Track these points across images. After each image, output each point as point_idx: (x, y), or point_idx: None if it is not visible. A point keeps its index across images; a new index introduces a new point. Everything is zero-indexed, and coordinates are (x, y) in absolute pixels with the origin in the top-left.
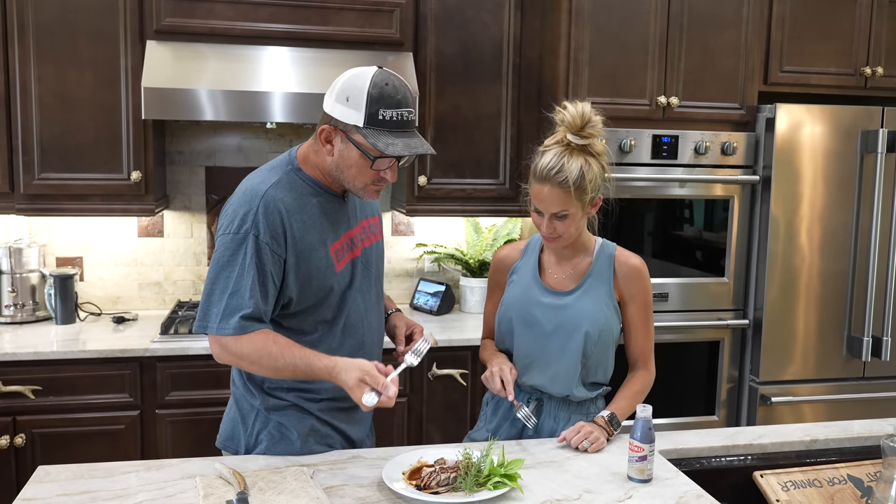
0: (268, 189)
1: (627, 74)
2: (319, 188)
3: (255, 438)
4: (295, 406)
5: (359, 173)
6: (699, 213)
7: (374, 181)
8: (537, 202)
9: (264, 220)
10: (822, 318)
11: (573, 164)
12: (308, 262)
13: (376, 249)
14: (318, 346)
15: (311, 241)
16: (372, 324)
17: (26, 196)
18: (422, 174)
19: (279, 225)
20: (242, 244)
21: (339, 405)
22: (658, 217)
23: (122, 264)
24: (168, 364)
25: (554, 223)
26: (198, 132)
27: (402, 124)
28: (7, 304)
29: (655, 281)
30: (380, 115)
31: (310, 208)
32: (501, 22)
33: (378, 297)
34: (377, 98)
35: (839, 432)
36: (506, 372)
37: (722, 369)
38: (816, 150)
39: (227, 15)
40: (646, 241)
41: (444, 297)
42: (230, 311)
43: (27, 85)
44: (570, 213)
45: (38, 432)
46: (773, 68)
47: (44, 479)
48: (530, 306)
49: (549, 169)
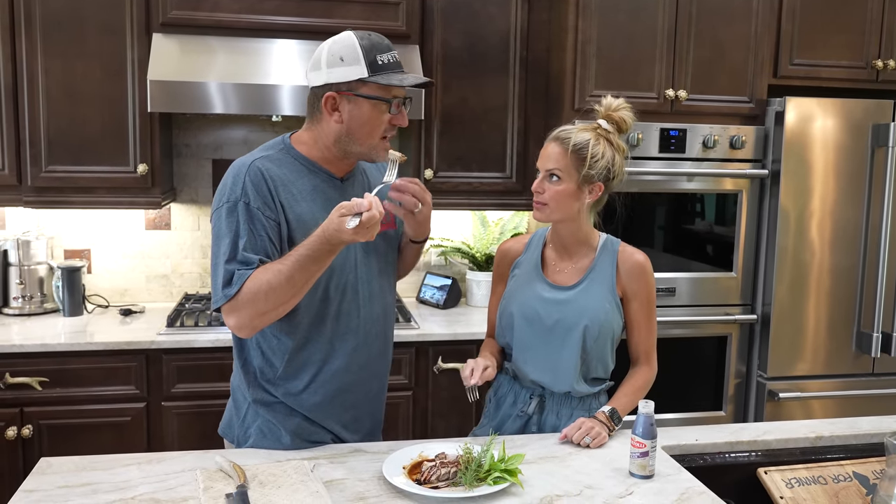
0: (255, 160)
1: (635, 67)
2: (314, 167)
3: (246, 432)
4: (282, 403)
5: (372, 128)
6: (707, 207)
7: (385, 133)
8: (540, 160)
9: (252, 188)
10: (831, 314)
11: (582, 133)
12: (302, 235)
13: (384, 239)
14: (310, 335)
15: (301, 212)
16: (374, 313)
17: (34, 188)
18: (428, 167)
19: (267, 192)
20: (233, 212)
21: (329, 410)
22: (665, 211)
23: (130, 257)
24: (174, 356)
25: (544, 184)
26: (205, 125)
27: (399, 65)
28: (15, 296)
29: (663, 275)
30: (379, 60)
31: (301, 183)
32: (508, 14)
33: (383, 290)
34: (370, 47)
35: (845, 429)
36: (479, 363)
37: (729, 364)
38: (827, 144)
39: (233, 8)
40: (653, 235)
41: (451, 290)
42: (228, 277)
43: (34, 78)
44: (562, 176)
45: (45, 423)
46: (783, 61)
47: (46, 471)
48: (531, 300)
49: (561, 130)
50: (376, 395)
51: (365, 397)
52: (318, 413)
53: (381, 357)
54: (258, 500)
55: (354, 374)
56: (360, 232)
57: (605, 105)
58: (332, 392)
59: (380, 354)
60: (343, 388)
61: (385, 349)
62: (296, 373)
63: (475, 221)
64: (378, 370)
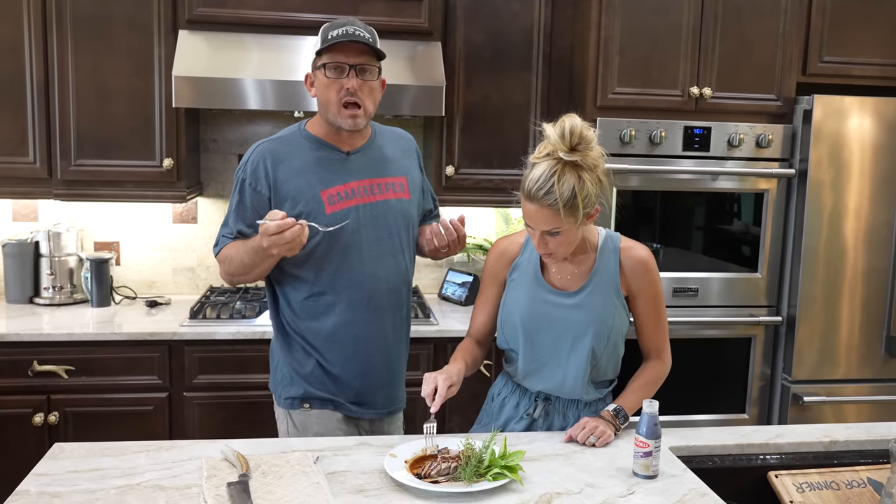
0: (262, 143)
1: (659, 64)
2: (320, 144)
3: (279, 378)
4: (300, 345)
5: (329, 95)
6: (733, 206)
7: (341, 100)
8: (528, 219)
9: (251, 168)
10: (859, 317)
11: (564, 184)
12: (295, 203)
13: (396, 206)
14: (315, 288)
15: (299, 184)
16: (379, 273)
17: (63, 182)
18: (449, 164)
19: (262, 171)
20: (236, 187)
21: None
22: (689, 210)
23: (157, 249)
24: (195, 348)
25: (546, 239)
26: (231, 120)
27: (349, 35)
28: (46, 287)
29: (686, 275)
30: (329, 35)
31: (303, 158)
32: (532, 10)
33: (395, 250)
34: (329, 27)
35: (861, 434)
36: (441, 382)
37: (753, 367)
38: (857, 143)
39: (258, 4)
40: (676, 234)
41: (472, 287)
42: (218, 238)
43: (65, 74)
44: (563, 230)
45: (70, 411)
46: (812, 58)
47: (58, 456)
48: (536, 309)
49: (538, 189)
50: (388, 361)
51: (378, 357)
52: (330, 357)
53: (391, 312)
54: (258, 490)
55: (363, 326)
56: (275, 248)
57: (557, 145)
58: (343, 339)
59: (389, 308)
60: (354, 339)
61: (396, 304)
62: (310, 315)
63: (497, 218)
64: (388, 326)
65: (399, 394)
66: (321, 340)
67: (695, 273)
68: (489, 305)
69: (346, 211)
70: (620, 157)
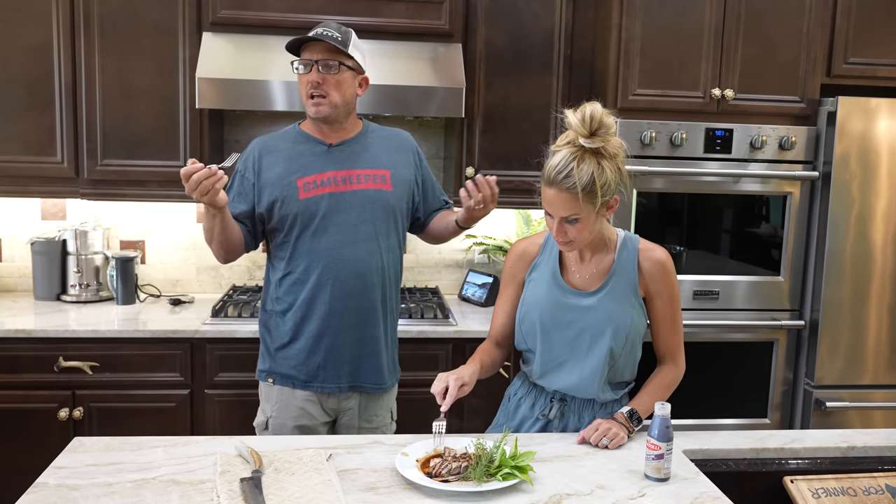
0: (260, 138)
1: (680, 66)
2: (307, 138)
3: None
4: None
5: (301, 91)
6: (760, 209)
7: (308, 92)
8: (547, 205)
9: (244, 158)
10: (887, 321)
11: (584, 169)
12: (273, 189)
13: (374, 195)
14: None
15: (279, 172)
16: (345, 257)
17: (90, 181)
18: (469, 165)
19: (251, 160)
20: (235, 176)
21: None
22: (715, 213)
23: (182, 248)
24: (217, 346)
25: (564, 227)
26: (255, 121)
27: (318, 36)
28: (72, 284)
29: (706, 278)
30: (302, 36)
31: (287, 150)
32: (553, 12)
33: (369, 237)
34: (307, 30)
35: (881, 440)
36: (452, 382)
37: (776, 371)
38: (884, 144)
39: (279, 7)
40: (702, 237)
41: (492, 288)
42: None
43: (92, 75)
44: (581, 217)
45: (95, 406)
46: (836, 60)
47: (77, 450)
48: (554, 308)
49: (557, 172)
50: (353, 342)
51: (340, 335)
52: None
53: (357, 296)
54: (270, 486)
55: (325, 306)
56: (195, 195)
57: (578, 130)
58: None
59: (356, 292)
60: (319, 316)
61: (363, 289)
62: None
63: (518, 220)
64: (350, 308)
65: (368, 375)
66: (289, 317)
67: (717, 276)
68: (508, 306)
69: (319, 198)
70: (641, 159)
